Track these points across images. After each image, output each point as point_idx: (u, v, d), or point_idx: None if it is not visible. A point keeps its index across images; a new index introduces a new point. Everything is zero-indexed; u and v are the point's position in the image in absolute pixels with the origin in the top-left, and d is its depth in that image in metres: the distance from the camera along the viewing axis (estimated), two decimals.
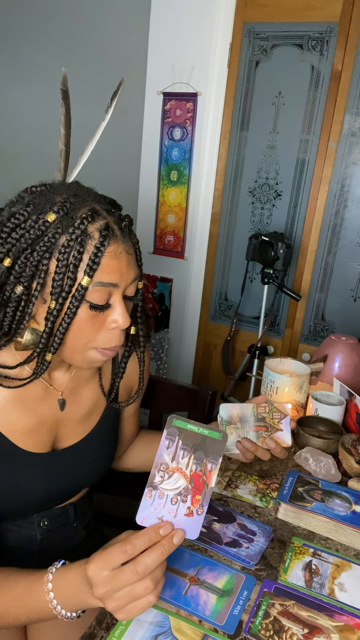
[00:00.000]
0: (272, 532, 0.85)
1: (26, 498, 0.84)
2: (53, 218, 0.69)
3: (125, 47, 2.12)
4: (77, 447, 0.90)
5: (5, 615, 0.69)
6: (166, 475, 0.66)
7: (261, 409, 0.91)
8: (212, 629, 0.66)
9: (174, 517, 0.64)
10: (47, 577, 0.66)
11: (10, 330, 0.74)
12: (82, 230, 0.68)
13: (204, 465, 0.66)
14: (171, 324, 2.38)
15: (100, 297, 0.71)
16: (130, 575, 0.58)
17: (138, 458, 1.11)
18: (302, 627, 0.67)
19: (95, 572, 0.60)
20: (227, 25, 1.97)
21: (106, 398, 0.93)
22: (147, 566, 0.59)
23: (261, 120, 2.00)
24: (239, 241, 2.16)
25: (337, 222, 1.95)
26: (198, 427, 0.68)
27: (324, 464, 1.01)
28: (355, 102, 1.82)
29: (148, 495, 0.65)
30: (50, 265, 0.69)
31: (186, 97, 2.07)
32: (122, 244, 0.72)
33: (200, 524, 0.64)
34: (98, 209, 0.71)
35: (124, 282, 0.73)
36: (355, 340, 1.36)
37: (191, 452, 0.66)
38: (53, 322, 0.71)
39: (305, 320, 2.11)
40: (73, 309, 0.70)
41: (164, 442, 0.67)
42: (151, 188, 2.26)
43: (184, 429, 0.68)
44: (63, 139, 0.84)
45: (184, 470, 0.66)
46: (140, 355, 0.91)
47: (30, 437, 0.82)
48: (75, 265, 0.68)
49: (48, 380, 0.85)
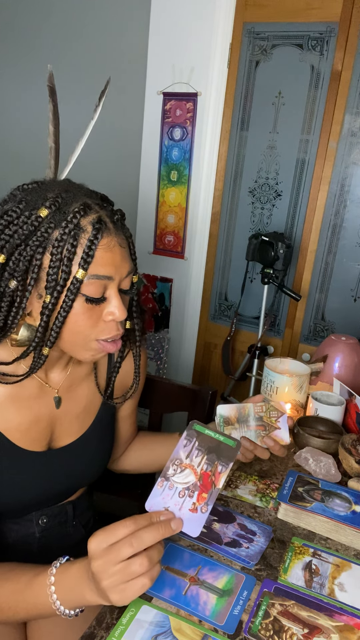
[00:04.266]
0: (272, 532, 0.85)
1: (23, 496, 0.84)
2: (45, 213, 0.69)
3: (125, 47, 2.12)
4: (73, 446, 0.90)
5: (5, 608, 0.69)
6: (179, 469, 0.70)
7: (258, 408, 0.91)
8: (212, 629, 0.66)
9: (179, 510, 0.67)
10: (50, 571, 0.67)
11: (5, 325, 0.74)
12: (74, 224, 0.69)
13: (215, 467, 0.70)
14: (171, 324, 2.38)
15: (96, 290, 0.72)
16: (125, 548, 0.59)
17: (137, 460, 1.11)
18: (302, 627, 0.67)
19: (94, 544, 0.61)
20: (227, 26, 1.97)
21: (102, 395, 0.93)
22: (142, 540, 0.60)
23: (261, 120, 2.00)
24: (239, 241, 2.16)
25: (337, 222, 1.95)
26: (215, 433, 0.73)
27: (324, 464, 1.01)
28: (355, 102, 1.82)
29: (159, 484, 0.69)
30: (44, 260, 0.70)
31: (186, 97, 2.07)
32: (115, 237, 0.72)
33: (202, 523, 0.66)
34: (90, 203, 0.72)
35: (118, 275, 0.73)
36: (355, 340, 1.36)
37: (205, 453, 0.71)
38: (49, 316, 0.72)
39: (305, 320, 2.11)
40: (69, 302, 0.71)
41: (182, 441, 0.72)
42: (151, 188, 2.25)
43: (202, 433, 0.73)
44: (52, 136, 0.85)
45: (196, 468, 0.70)
46: (136, 350, 0.91)
47: (26, 434, 0.83)
48: (69, 258, 0.69)
49: (44, 378, 0.85)
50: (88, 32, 2.15)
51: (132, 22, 2.09)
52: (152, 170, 2.23)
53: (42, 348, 0.74)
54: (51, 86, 0.84)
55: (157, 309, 2.38)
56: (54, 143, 0.85)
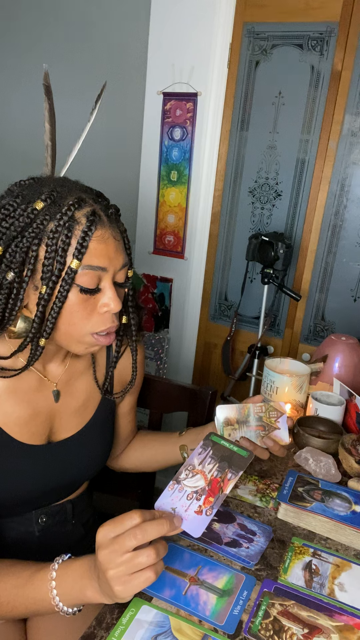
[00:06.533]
0: (272, 532, 0.85)
1: (23, 491, 0.85)
2: (41, 206, 0.71)
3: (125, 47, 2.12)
4: (72, 440, 0.90)
5: (4, 603, 0.70)
6: (191, 474, 0.73)
7: (258, 408, 0.91)
8: (212, 629, 0.66)
9: (185, 511, 0.69)
10: (52, 567, 0.68)
11: (3, 318, 0.75)
12: (69, 216, 0.71)
13: (225, 474, 0.73)
14: (171, 324, 2.38)
15: (90, 281, 0.73)
16: (129, 539, 0.60)
17: (137, 458, 1.11)
18: (302, 627, 0.67)
19: (101, 534, 0.62)
20: (227, 25, 1.96)
21: (100, 389, 0.94)
22: (147, 533, 0.61)
23: (261, 120, 2.00)
24: (239, 241, 2.16)
25: (337, 222, 1.95)
26: (229, 444, 0.78)
27: (324, 464, 1.01)
28: (355, 102, 1.82)
29: (170, 487, 0.72)
30: (39, 252, 0.72)
31: (186, 97, 2.07)
32: (110, 230, 0.74)
33: (205, 525, 0.68)
34: (84, 197, 0.74)
35: (112, 267, 0.75)
36: (355, 340, 1.36)
37: (217, 461, 0.75)
38: (44, 306, 0.73)
39: (305, 320, 2.11)
40: (64, 293, 0.72)
41: (198, 449, 0.77)
42: (151, 188, 2.25)
43: (217, 443, 0.78)
44: (49, 134, 0.88)
45: (206, 474, 0.73)
46: (133, 345, 0.92)
47: (25, 428, 0.83)
48: (64, 249, 0.71)
49: (42, 372, 0.86)
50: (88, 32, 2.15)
51: (132, 22, 2.09)
52: (152, 170, 2.23)
53: (39, 339, 0.76)
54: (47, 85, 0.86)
55: (157, 309, 2.38)
56: (50, 141, 0.87)
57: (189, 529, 0.67)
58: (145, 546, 0.62)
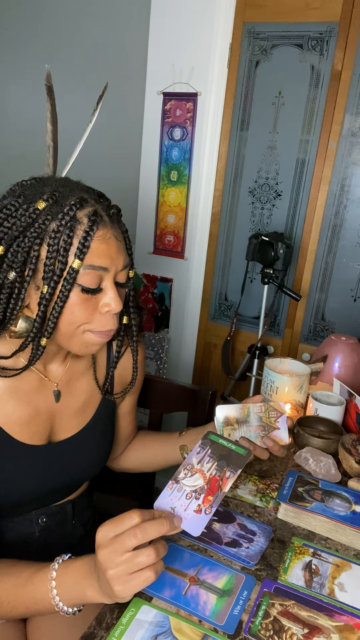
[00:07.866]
0: (272, 532, 0.85)
1: (23, 491, 0.85)
2: (43, 206, 0.71)
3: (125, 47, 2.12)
4: (73, 440, 0.90)
5: (4, 603, 0.70)
6: (189, 473, 0.73)
7: (257, 408, 0.91)
8: (212, 629, 0.66)
9: (184, 510, 0.69)
10: (53, 567, 0.68)
11: (5, 318, 0.75)
12: (71, 216, 0.71)
13: (223, 472, 0.73)
14: (171, 324, 2.38)
15: (92, 281, 0.73)
16: (129, 538, 0.60)
17: (137, 458, 1.11)
18: (302, 627, 0.67)
19: (101, 534, 0.62)
20: (227, 25, 1.96)
21: (100, 390, 0.94)
22: (146, 532, 0.61)
23: (261, 120, 2.00)
24: (239, 241, 2.16)
25: (337, 222, 1.95)
26: (227, 442, 0.78)
27: (324, 464, 1.01)
28: (355, 102, 1.82)
29: (169, 486, 0.72)
30: (41, 251, 0.72)
31: (186, 97, 2.07)
32: (111, 230, 0.74)
33: (204, 523, 0.68)
34: (86, 197, 0.74)
35: (114, 267, 0.75)
36: (355, 340, 1.36)
37: (216, 460, 0.75)
38: (46, 306, 0.73)
39: (305, 320, 2.11)
40: (65, 292, 0.72)
41: (197, 448, 0.77)
42: (151, 188, 2.25)
43: (215, 442, 0.78)
44: (50, 135, 0.88)
45: (205, 473, 0.73)
46: (134, 346, 0.92)
47: (25, 428, 0.83)
48: (65, 249, 0.71)
49: (43, 372, 0.86)
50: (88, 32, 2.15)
51: (132, 21, 2.09)
52: (152, 170, 2.23)
53: (40, 339, 0.76)
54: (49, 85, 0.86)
55: (157, 309, 2.38)
56: (52, 141, 0.87)
57: (188, 528, 0.67)
58: (145, 546, 0.62)
